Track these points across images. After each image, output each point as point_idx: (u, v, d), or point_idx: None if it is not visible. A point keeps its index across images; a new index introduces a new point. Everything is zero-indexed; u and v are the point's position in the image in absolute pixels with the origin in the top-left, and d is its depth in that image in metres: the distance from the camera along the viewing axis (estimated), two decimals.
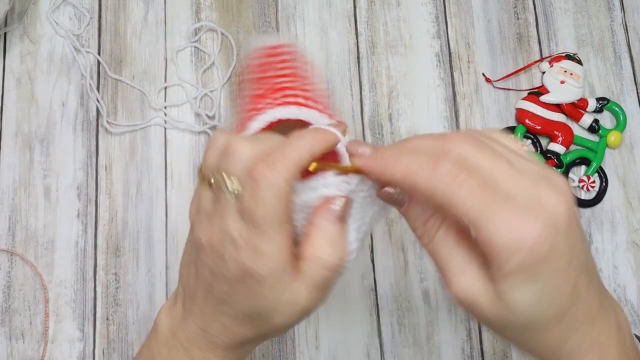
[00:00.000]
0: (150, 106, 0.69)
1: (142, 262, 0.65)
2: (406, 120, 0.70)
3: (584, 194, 0.69)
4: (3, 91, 0.69)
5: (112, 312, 0.63)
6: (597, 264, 0.67)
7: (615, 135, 0.69)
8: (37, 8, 0.72)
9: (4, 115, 0.68)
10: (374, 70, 0.72)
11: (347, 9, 0.73)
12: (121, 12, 0.72)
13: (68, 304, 0.63)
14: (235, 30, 0.72)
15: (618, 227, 0.68)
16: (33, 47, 0.70)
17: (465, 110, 0.71)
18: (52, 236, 0.65)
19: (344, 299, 0.65)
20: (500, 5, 0.74)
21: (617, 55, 0.73)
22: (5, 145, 0.67)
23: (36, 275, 0.64)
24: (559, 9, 0.75)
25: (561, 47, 0.73)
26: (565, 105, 0.70)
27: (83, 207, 0.66)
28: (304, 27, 0.72)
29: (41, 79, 0.69)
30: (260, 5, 0.73)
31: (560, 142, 0.69)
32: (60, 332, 0.63)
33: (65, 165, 0.67)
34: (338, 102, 0.70)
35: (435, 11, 0.74)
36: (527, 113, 0.70)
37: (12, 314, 0.63)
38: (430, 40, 0.73)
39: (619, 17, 0.75)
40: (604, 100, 0.71)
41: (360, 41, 0.72)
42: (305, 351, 0.63)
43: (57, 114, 0.68)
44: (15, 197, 0.66)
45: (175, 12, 0.72)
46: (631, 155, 0.70)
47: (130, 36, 0.71)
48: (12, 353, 0.62)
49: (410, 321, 0.65)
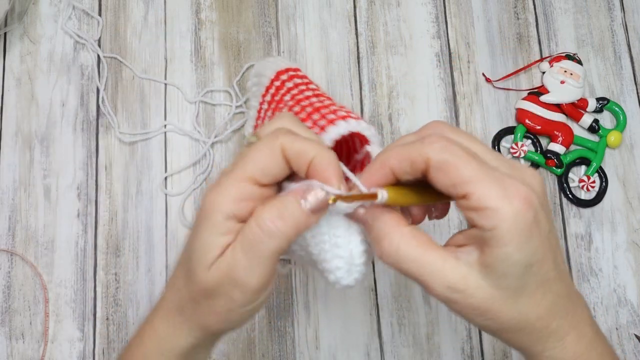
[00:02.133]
0: (186, 99, 0.69)
1: (142, 262, 0.65)
2: (406, 120, 0.70)
3: (584, 194, 0.69)
4: (3, 91, 0.69)
5: (112, 312, 0.63)
6: (597, 264, 0.67)
7: (615, 135, 0.69)
8: (37, 8, 0.72)
9: (4, 115, 0.68)
10: (374, 70, 0.72)
11: (347, 9, 0.73)
12: (121, 12, 0.72)
13: (68, 304, 0.63)
14: (235, 30, 0.72)
15: (618, 227, 0.68)
16: (33, 47, 0.70)
17: (465, 110, 0.71)
18: (52, 236, 0.65)
19: (344, 299, 0.65)
20: (500, 5, 0.74)
21: (617, 55, 0.73)
22: (5, 145, 0.67)
23: (36, 275, 0.64)
24: (559, 9, 0.75)
25: (561, 47, 0.73)
26: (565, 105, 0.70)
27: (83, 207, 0.66)
28: (304, 27, 0.72)
29: (41, 79, 0.69)
30: (260, 5, 0.73)
31: (560, 142, 0.69)
32: (60, 332, 0.63)
33: (65, 165, 0.67)
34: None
35: (435, 11, 0.74)
36: (527, 113, 0.70)
37: (12, 314, 0.63)
38: (430, 40, 0.73)
39: (619, 17, 0.75)
40: (604, 100, 0.71)
41: (360, 41, 0.72)
42: (305, 351, 0.63)
43: (57, 114, 0.68)
44: (15, 197, 0.66)
45: (175, 12, 0.72)
46: (631, 155, 0.70)
47: (130, 36, 0.71)
48: (12, 353, 0.62)
49: (410, 321, 0.65)
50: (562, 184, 0.69)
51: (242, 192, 0.35)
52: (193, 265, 0.36)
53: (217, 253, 0.35)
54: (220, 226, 0.35)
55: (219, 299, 0.36)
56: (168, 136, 0.68)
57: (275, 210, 0.35)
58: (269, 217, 0.34)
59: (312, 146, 0.35)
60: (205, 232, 0.35)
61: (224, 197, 0.35)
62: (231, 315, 0.37)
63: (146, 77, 0.70)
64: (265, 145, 0.35)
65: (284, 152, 0.35)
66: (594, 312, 0.66)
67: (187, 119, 0.69)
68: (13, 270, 0.64)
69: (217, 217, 0.35)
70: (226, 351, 0.63)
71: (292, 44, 0.72)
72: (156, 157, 0.68)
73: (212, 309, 0.37)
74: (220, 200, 0.35)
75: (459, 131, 0.36)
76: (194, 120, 0.69)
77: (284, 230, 0.34)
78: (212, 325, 0.38)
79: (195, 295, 0.37)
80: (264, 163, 0.35)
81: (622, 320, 0.66)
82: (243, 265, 0.35)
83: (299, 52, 0.71)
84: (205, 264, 0.36)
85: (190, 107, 0.69)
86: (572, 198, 0.68)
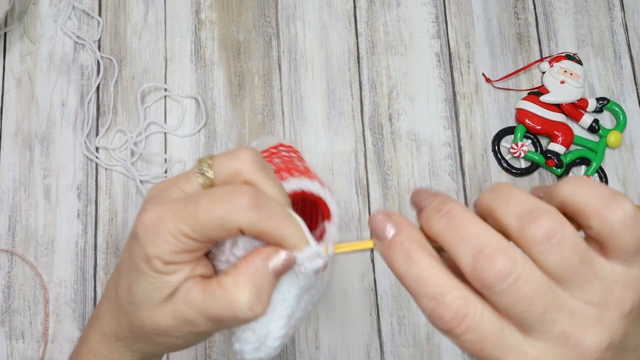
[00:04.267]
0: (185, 98, 0.69)
1: None
2: (406, 120, 0.70)
3: None
4: (3, 91, 0.69)
5: None
6: None
7: (615, 135, 0.69)
8: (37, 8, 0.72)
9: (4, 115, 0.68)
10: (374, 70, 0.72)
11: (347, 9, 0.73)
12: (121, 12, 0.72)
13: (68, 304, 0.63)
14: (235, 30, 0.72)
15: None
16: (33, 47, 0.70)
17: (465, 110, 0.71)
18: (52, 236, 0.65)
19: (344, 299, 0.65)
20: (500, 5, 0.74)
21: (617, 55, 0.73)
22: (5, 145, 0.67)
23: (36, 275, 0.64)
24: (559, 9, 0.75)
25: (561, 47, 0.73)
26: (565, 105, 0.70)
27: (83, 207, 0.66)
28: (304, 27, 0.72)
29: (41, 79, 0.69)
30: (260, 5, 0.73)
31: (560, 142, 0.69)
32: (60, 332, 0.63)
33: (65, 165, 0.67)
34: (338, 106, 0.70)
35: (435, 11, 0.74)
36: (527, 113, 0.70)
37: (12, 314, 0.63)
38: (430, 40, 0.73)
39: (619, 17, 0.75)
40: (604, 100, 0.71)
41: (360, 41, 0.72)
42: (305, 351, 0.63)
43: (57, 114, 0.68)
44: (15, 197, 0.66)
45: (175, 12, 0.72)
46: (631, 155, 0.70)
47: (130, 36, 0.71)
48: (12, 353, 0.62)
49: (410, 321, 0.65)
50: None
51: (182, 247, 0.32)
52: (136, 304, 0.34)
53: (162, 298, 0.33)
54: (161, 269, 0.32)
55: (167, 337, 0.34)
56: (168, 136, 0.68)
57: (253, 287, 0.31)
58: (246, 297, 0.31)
59: (283, 224, 0.31)
60: (147, 277, 0.32)
61: (162, 246, 0.31)
62: (178, 345, 0.36)
63: (145, 80, 0.70)
64: (225, 210, 0.31)
65: (246, 228, 0.31)
66: None
67: (187, 119, 0.69)
68: (13, 270, 0.64)
69: (157, 264, 0.32)
70: (226, 351, 0.63)
71: (292, 44, 0.72)
72: (156, 157, 0.68)
73: (157, 342, 0.35)
74: (159, 249, 0.31)
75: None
76: (194, 120, 0.69)
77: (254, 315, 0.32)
78: (157, 351, 0.37)
79: (139, 333, 0.35)
80: (216, 230, 0.31)
81: None
82: (199, 320, 0.33)
83: (299, 52, 0.71)
84: (152, 307, 0.33)
85: (190, 107, 0.69)
86: None
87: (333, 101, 0.70)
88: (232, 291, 0.31)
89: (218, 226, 0.31)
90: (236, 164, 0.33)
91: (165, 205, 0.32)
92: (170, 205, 0.32)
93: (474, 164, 0.69)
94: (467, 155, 0.70)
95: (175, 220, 0.31)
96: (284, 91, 0.70)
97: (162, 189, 0.34)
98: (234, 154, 0.33)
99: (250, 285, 0.31)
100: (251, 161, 0.33)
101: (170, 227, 0.31)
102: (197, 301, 0.32)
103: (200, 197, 0.32)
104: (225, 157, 0.33)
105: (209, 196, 0.31)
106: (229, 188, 0.32)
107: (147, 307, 0.33)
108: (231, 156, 0.33)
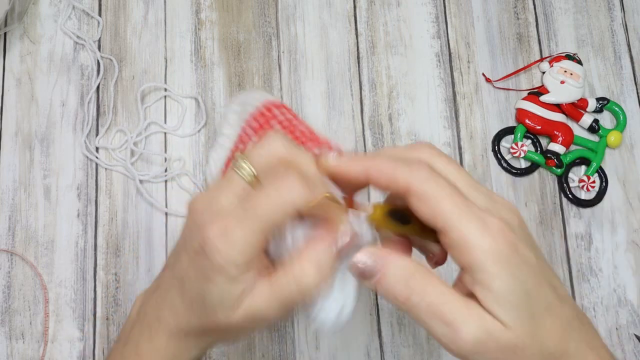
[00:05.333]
0: (184, 98, 0.69)
1: (142, 262, 0.65)
2: (406, 120, 0.70)
3: (584, 194, 0.69)
4: (3, 91, 0.69)
5: (112, 312, 0.63)
6: (597, 264, 0.67)
7: (615, 135, 0.69)
8: (37, 8, 0.72)
9: (4, 115, 0.68)
10: (374, 70, 0.72)
11: (347, 9, 0.73)
12: (121, 12, 0.72)
13: (68, 304, 0.63)
14: (235, 30, 0.72)
15: (618, 227, 0.68)
16: (33, 47, 0.70)
17: (465, 110, 0.71)
18: (52, 236, 0.65)
19: None
20: (500, 5, 0.74)
21: (617, 55, 0.73)
22: (5, 145, 0.67)
23: (36, 275, 0.64)
24: (559, 9, 0.75)
25: (561, 47, 0.73)
26: (565, 105, 0.70)
27: (83, 207, 0.66)
28: (304, 27, 0.73)
29: (41, 79, 0.69)
30: (260, 5, 0.73)
31: (560, 142, 0.69)
32: (60, 332, 0.63)
33: (65, 165, 0.67)
34: (338, 106, 0.70)
35: (435, 11, 0.74)
36: (527, 113, 0.70)
37: (12, 314, 0.63)
38: (430, 40, 0.73)
39: (619, 17, 0.75)
40: (604, 100, 0.71)
41: (360, 41, 0.72)
42: (305, 351, 0.63)
43: (57, 114, 0.68)
44: (15, 197, 0.66)
45: (175, 12, 0.72)
46: (631, 155, 0.70)
47: (130, 36, 0.71)
48: (12, 353, 0.62)
49: (410, 321, 0.65)
50: (562, 184, 0.69)
51: (254, 250, 0.35)
52: (210, 308, 0.36)
53: (235, 300, 0.35)
54: (235, 275, 0.35)
55: (236, 333, 0.38)
56: (168, 136, 0.69)
57: (314, 265, 0.35)
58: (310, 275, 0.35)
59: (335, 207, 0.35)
60: (221, 286, 0.35)
61: (235, 256, 0.34)
62: (247, 334, 0.39)
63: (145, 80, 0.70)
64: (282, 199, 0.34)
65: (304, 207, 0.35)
66: (593, 312, 0.66)
67: (187, 119, 0.69)
68: (13, 270, 0.64)
69: (231, 272, 0.34)
70: (226, 351, 0.63)
71: (292, 44, 0.72)
72: (156, 157, 0.68)
73: (225, 337, 0.39)
74: (232, 259, 0.34)
75: (446, 160, 0.36)
76: (194, 120, 0.69)
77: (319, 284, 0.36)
78: (226, 341, 0.41)
79: (211, 330, 0.38)
80: (281, 220, 0.35)
81: (622, 320, 0.66)
82: (271, 310, 0.36)
83: (299, 52, 0.71)
84: (227, 309, 0.36)
85: (190, 107, 0.69)
86: (572, 198, 0.68)
87: (333, 101, 0.70)
88: (299, 275, 0.35)
89: (282, 215, 0.34)
90: (269, 149, 0.36)
91: (227, 217, 0.34)
92: (231, 216, 0.34)
93: (474, 163, 0.69)
94: (467, 155, 0.70)
95: (243, 227, 0.34)
96: (284, 91, 0.70)
97: (209, 201, 0.36)
98: (264, 142, 0.37)
99: (314, 264, 0.35)
100: (281, 142, 0.36)
101: (240, 234, 0.34)
102: (266, 293, 0.35)
103: (253, 197, 0.35)
104: (258, 148, 0.36)
105: (261, 193, 0.35)
106: (273, 179, 0.35)
107: (221, 310, 0.36)
108: (262, 145, 0.36)
